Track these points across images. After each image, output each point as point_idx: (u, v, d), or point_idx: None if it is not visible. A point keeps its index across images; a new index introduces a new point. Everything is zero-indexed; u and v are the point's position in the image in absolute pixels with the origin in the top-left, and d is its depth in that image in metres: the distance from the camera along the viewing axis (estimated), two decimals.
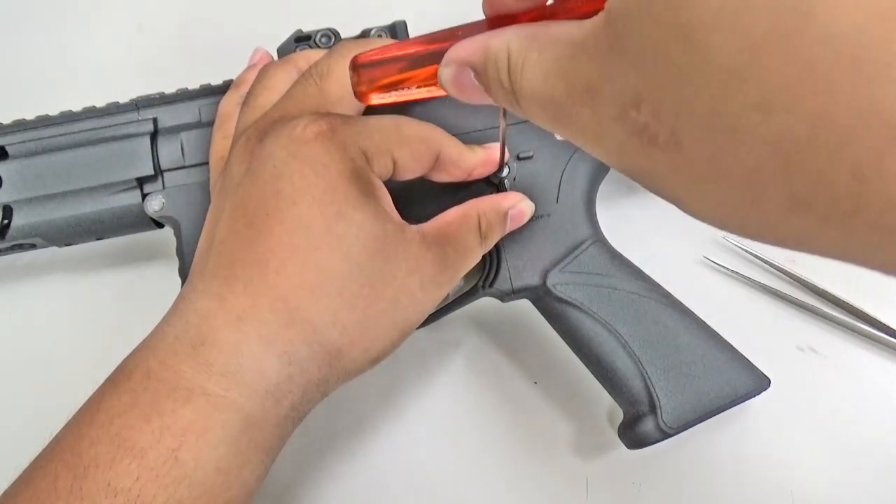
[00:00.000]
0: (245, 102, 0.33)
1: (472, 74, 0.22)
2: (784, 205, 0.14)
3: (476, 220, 0.32)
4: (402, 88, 0.24)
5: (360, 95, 0.25)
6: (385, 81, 0.24)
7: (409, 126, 0.31)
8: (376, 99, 0.24)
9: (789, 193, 0.13)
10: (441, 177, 0.33)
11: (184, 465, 0.25)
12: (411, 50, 0.23)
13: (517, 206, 0.34)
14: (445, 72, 0.22)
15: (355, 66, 0.24)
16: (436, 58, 0.23)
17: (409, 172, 0.31)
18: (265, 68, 0.34)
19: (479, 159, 0.33)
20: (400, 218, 0.30)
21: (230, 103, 0.35)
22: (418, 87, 0.24)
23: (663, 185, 0.17)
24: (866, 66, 0.11)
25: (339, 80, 0.31)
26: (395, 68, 0.23)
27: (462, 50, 0.22)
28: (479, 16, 0.23)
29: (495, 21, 0.22)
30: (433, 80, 0.23)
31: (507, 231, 0.34)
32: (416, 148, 0.31)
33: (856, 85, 0.12)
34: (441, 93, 0.24)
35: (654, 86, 0.15)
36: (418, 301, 0.30)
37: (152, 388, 0.26)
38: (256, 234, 0.28)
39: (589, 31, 0.18)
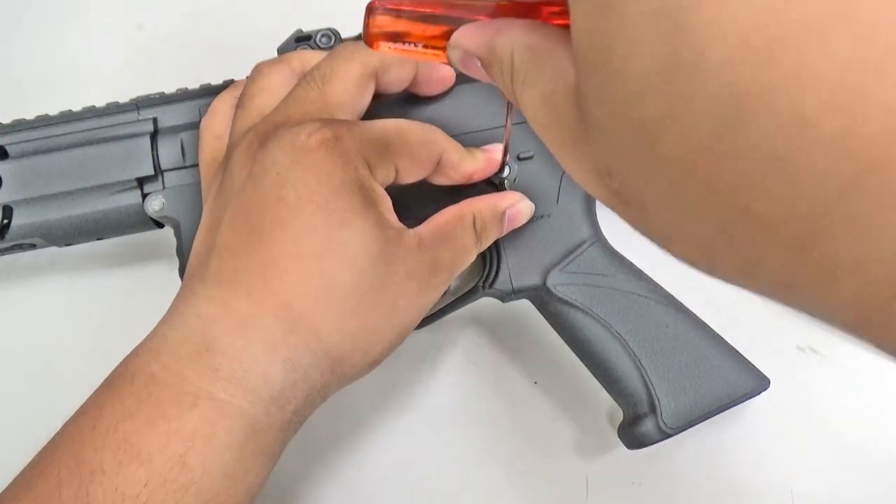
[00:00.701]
0: (240, 104, 0.33)
1: (479, 63, 0.22)
2: (736, 270, 0.16)
3: (471, 219, 0.32)
4: (409, 43, 0.24)
5: (369, 38, 0.24)
6: (395, 29, 0.24)
7: (411, 132, 0.31)
8: (383, 47, 0.24)
9: (738, 263, 0.15)
10: (441, 180, 0.33)
11: (191, 471, 0.25)
12: (427, 8, 0.23)
13: (515, 205, 0.34)
14: (453, 53, 0.22)
15: (371, 9, 0.24)
16: (449, 21, 0.23)
17: (411, 177, 0.32)
18: (258, 68, 0.34)
19: (479, 164, 0.33)
20: (399, 223, 0.30)
21: (224, 103, 0.35)
22: (425, 45, 0.24)
23: (639, 230, 0.18)
24: (789, 168, 0.13)
25: (341, 84, 0.31)
26: (408, 18, 0.23)
27: (469, 40, 0.22)
28: None
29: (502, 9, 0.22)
30: (440, 41, 0.23)
31: (506, 231, 0.34)
32: (417, 154, 0.31)
33: (778, 185, 0.13)
34: (444, 58, 0.23)
35: (619, 164, 0.16)
36: (415, 304, 0.30)
37: (156, 393, 0.26)
38: (259, 240, 0.28)
39: (575, 84, 0.18)
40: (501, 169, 0.34)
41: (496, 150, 0.34)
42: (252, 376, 0.27)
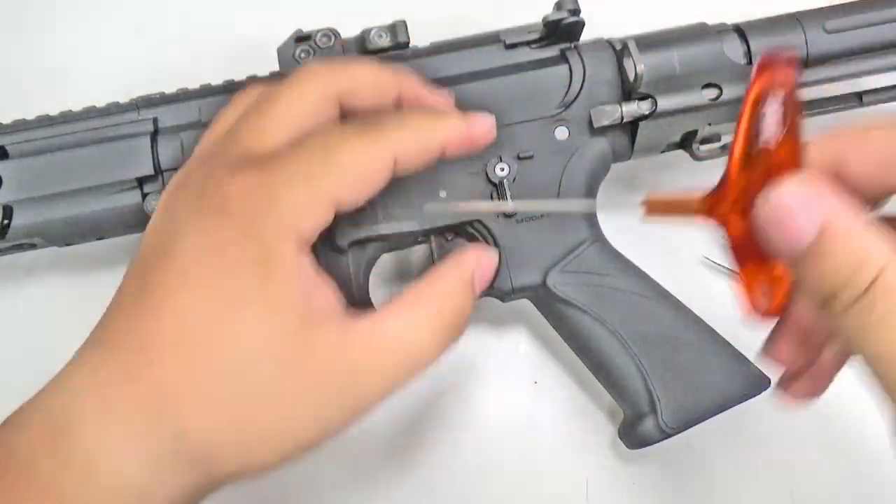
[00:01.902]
0: (211, 123, 0.31)
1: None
2: None
3: (438, 309, 0.27)
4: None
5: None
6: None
7: (341, 153, 0.26)
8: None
9: None
10: (411, 172, 0.28)
11: None
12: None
13: (481, 262, 0.29)
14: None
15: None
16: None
17: (363, 198, 0.27)
18: (252, 94, 0.31)
19: (446, 135, 0.28)
20: (330, 305, 0.26)
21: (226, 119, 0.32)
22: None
23: None
24: None
25: (282, 117, 0.27)
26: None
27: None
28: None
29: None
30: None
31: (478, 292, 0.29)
32: (359, 176, 0.26)
33: None
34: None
35: None
36: (327, 411, 0.25)
37: (12, 475, 0.24)
38: (145, 304, 0.25)
39: None
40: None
41: (481, 117, 0.29)
42: (105, 473, 0.24)
